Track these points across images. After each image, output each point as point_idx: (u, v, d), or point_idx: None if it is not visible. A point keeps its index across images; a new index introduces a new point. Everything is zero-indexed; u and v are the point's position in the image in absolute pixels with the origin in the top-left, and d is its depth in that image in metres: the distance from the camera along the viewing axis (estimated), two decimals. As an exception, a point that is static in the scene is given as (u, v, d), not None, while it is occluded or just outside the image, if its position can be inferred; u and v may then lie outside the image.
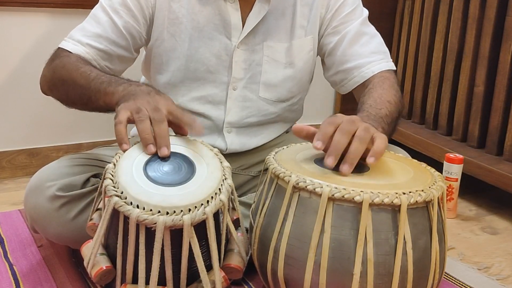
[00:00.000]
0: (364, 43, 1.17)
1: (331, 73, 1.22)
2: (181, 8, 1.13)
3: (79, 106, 1.04)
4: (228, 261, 0.86)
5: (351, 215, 0.75)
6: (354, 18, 1.18)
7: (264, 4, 1.13)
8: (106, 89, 0.95)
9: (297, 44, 1.18)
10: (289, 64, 1.19)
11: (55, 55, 1.09)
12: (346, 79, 1.18)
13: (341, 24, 1.18)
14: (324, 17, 1.19)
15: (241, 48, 1.15)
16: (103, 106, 0.96)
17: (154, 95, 0.89)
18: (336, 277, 0.76)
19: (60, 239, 1.02)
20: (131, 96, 0.89)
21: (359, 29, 1.17)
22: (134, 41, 1.12)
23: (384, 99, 1.06)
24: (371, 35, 1.19)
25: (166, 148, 0.82)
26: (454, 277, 1.16)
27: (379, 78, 1.13)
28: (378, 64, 1.16)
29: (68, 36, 1.11)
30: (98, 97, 0.96)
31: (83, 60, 1.05)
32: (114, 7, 1.10)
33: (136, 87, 0.92)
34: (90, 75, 0.98)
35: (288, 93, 1.21)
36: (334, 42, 1.18)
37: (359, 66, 1.16)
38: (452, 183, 1.46)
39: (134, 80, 0.98)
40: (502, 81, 1.56)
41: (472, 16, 1.64)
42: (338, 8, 1.18)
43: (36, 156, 1.66)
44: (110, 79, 0.97)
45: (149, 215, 0.74)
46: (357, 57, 1.16)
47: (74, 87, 1.00)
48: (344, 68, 1.18)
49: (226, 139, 1.20)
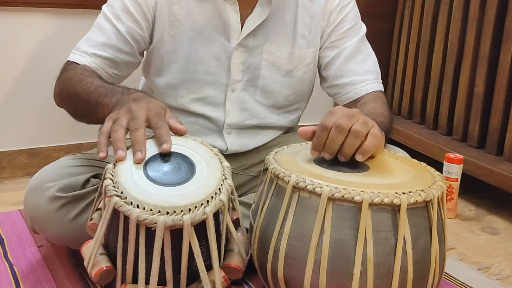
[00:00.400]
0: (361, 60, 1.19)
1: (326, 85, 1.24)
2: (181, 10, 1.13)
3: (85, 119, 1.05)
4: (228, 261, 0.86)
5: (351, 215, 0.75)
6: (353, 34, 1.19)
7: (264, 8, 1.13)
8: (102, 101, 0.96)
9: (299, 54, 1.19)
10: (288, 73, 1.19)
11: (64, 68, 1.11)
12: (340, 93, 1.20)
13: (340, 39, 1.19)
14: (324, 31, 1.20)
15: (240, 50, 1.15)
16: (102, 118, 0.96)
17: (139, 101, 0.89)
18: (336, 277, 0.76)
19: (60, 240, 1.02)
20: (118, 105, 0.90)
21: (356, 46, 1.19)
22: (138, 45, 1.13)
23: (378, 111, 1.09)
24: (367, 53, 1.21)
25: (140, 153, 0.82)
26: (454, 277, 1.16)
27: (371, 95, 1.16)
28: (371, 84, 1.18)
29: (75, 48, 1.12)
30: (98, 110, 0.97)
31: (88, 71, 1.06)
32: (116, 14, 1.11)
33: (127, 95, 0.93)
34: (90, 87, 0.99)
35: (284, 101, 1.22)
36: (331, 56, 1.19)
37: (353, 83, 1.17)
38: (452, 183, 1.46)
39: (129, 88, 0.98)
40: (502, 81, 1.56)
41: (472, 16, 1.64)
42: (339, 23, 1.19)
43: (36, 156, 1.66)
44: (107, 90, 0.97)
45: (149, 215, 0.74)
46: (352, 73, 1.18)
47: (78, 101, 1.02)
48: (339, 83, 1.19)
49: (226, 140, 1.20)
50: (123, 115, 0.86)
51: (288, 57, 1.18)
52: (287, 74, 1.19)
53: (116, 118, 0.86)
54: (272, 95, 1.20)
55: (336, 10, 1.18)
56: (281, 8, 1.16)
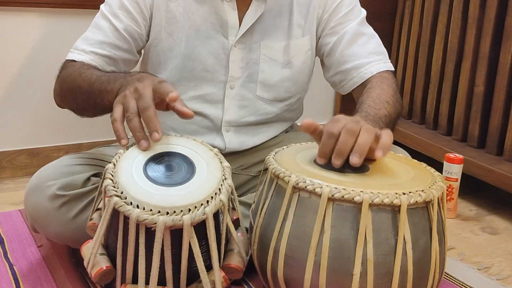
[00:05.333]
0: (362, 43, 1.17)
1: (330, 74, 1.22)
2: (179, 7, 1.13)
3: (89, 112, 1.05)
4: (228, 261, 0.86)
5: (351, 215, 0.75)
6: (352, 18, 1.18)
7: (260, 3, 1.13)
8: (106, 87, 0.95)
9: (295, 44, 1.18)
10: (286, 64, 1.19)
11: (62, 67, 1.11)
12: (345, 79, 1.18)
13: (338, 25, 1.18)
14: (321, 18, 1.19)
15: (238, 47, 1.15)
16: (108, 105, 0.96)
17: (144, 79, 0.88)
18: (336, 277, 0.76)
19: (60, 239, 1.02)
20: (123, 87, 0.90)
21: (357, 29, 1.17)
22: (136, 43, 1.13)
23: (383, 99, 1.06)
24: (369, 35, 1.19)
25: (156, 133, 0.82)
26: (454, 277, 1.16)
27: (377, 78, 1.13)
28: (376, 65, 1.16)
29: (73, 47, 1.12)
30: (102, 97, 0.96)
31: (86, 65, 1.06)
32: (113, 11, 1.11)
33: (130, 77, 0.92)
34: (91, 78, 1.00)
35: (286, 93, 1.21)
36: (332, 42, 1.18)
37: (357, 67, 1.16)
38: (452, 183, 1.46)
39: (131, 71, 0.98)
40: (502, 81, 1.56)
41: (472, 16, 1.64)
42: (335, 9, 1.18)
43: (36, 156, 1.66)
44: (109, 77, 0.97)
45: (149, 215, 0.74)
46: (356, 57, 1.16)
47: (80, 93, 1.01)
48: (343, 69, 1.18)
49: (225, 138, 1.20)
50: (130, 96, 0.85)
51: (284, 48, 1.17)
52: (285, 65, 1.18)
53: (125, 102, 0.85)
54: (273, 88, 1.19)
55: None
56: (277, 1, 1.16)
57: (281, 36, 1.17)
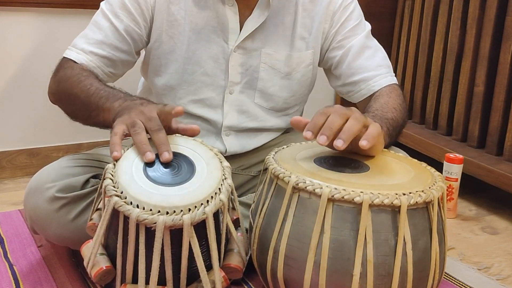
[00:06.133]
0: (369, 56, 1.18)
1: (338, 84, 1.23)
2: (180, 10, 1.13)
3: (82, 120, 1.04)
4: (228, 261, 0.86)
5: (351, 216, 0.75)
6: (358, 32, 1.19)
7: (263, 10, 1.13)
8: (103, 105, 0.95)
9: (297, 57, 1.18)
10: (286, 75, 1.18)
11: (60, 65, 1.10)
12: (353, 91, 1.19)
13: (345, 39, 1.18)
14: (328, 32, 1.19)
15: (238, 52, 1.14)
16: (102, 122, 0.97)
17: (147, 104, 0.89)
18: (335, 278, 0.76)
19: (60, 240, 1.02)
20: (126, 110, 0.90)
21: (364, 42, 1.18)
22: (135, 44, 1.13)
23: (391, 105, 1.07)
24: (375, 48, 1.20)
25: (167, 153, 0.82)
26: (454, 277, 1.16)
27: (386, 89, 1.15)
28: (384, 78, 1.17)
29: (71, 45, 1.12)
30: (98, 113, 0.96)
31: (86, 71, 1.05)
32: (114, 11, 1.10)
33: (130, 101, 0.92)
34: (89, 89, 0.99)
35: (284, 104, 1.21)
36: (339, 56, 1.19)
37: (366, 79, 1.16)
38: (452, 183, 1.46)
39: (130, 94, 0.98)
40: (502, 81, 1.56)
41: (472, 16, 1.64)
42: (343, 23, 1.18)
43: (36, 156, 1.66)
44: (108, 94, 0.97)
45: (149, 215, 0.74)
46: (363, 70, 1.17)
47: (76, 102, 1.01)
48: (351, 81, 1.18)
49: (225, 142, 1.19)
50: (137, 117, 0.86)
51: (285, 59, 1.17)
52: (285, 76, 1.19)
53: (131, 121, 0.85)
54: (271, 97, 1.20)
55: (339, 11, 1.18)
56: (280, 10, 1.15)
57: (283, 46, 1.17)
